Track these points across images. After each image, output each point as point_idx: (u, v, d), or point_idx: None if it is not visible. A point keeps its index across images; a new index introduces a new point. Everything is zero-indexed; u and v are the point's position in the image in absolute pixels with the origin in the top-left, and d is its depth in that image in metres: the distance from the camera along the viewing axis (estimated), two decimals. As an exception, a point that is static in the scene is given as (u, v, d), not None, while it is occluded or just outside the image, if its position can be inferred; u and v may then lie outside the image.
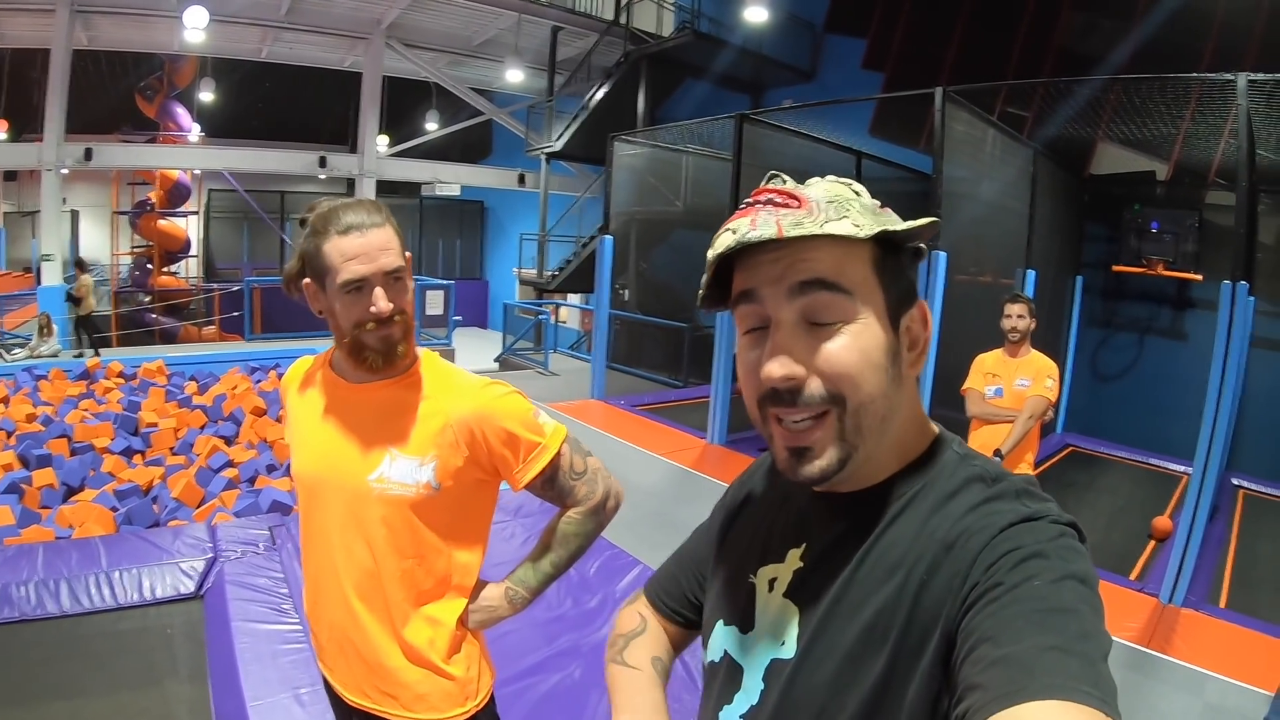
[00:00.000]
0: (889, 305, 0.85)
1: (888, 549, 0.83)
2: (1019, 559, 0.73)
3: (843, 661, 0.82)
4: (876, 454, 0.86)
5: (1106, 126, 9.39)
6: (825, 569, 0.88)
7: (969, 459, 0.88)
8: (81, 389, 9.38)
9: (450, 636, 1.69)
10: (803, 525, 0.95)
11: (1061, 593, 0.70)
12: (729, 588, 1.04)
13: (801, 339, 0.83)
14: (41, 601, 4.08)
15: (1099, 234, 10.52)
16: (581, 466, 1.75)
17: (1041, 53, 11.69)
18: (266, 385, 9.74)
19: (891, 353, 0.84)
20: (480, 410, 1.65)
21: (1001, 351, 4.86)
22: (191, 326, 17.80)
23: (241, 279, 16.48)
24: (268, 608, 4.03)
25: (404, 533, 1.64)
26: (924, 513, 0.83)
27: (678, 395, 11.27)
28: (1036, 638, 0.66)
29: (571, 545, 1.77)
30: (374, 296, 1.57)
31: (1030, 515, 0.78)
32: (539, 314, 14.40)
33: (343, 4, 15.88)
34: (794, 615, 0.90)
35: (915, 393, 0.90)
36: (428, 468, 1.62)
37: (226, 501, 5.99)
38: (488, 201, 25.58)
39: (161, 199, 19.07)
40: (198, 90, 19.56)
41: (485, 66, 19.09)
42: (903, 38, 13.78)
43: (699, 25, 15.03)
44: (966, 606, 0.74)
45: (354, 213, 1.58)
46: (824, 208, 0.82)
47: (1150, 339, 10.39)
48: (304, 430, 1.76)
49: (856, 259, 0.83)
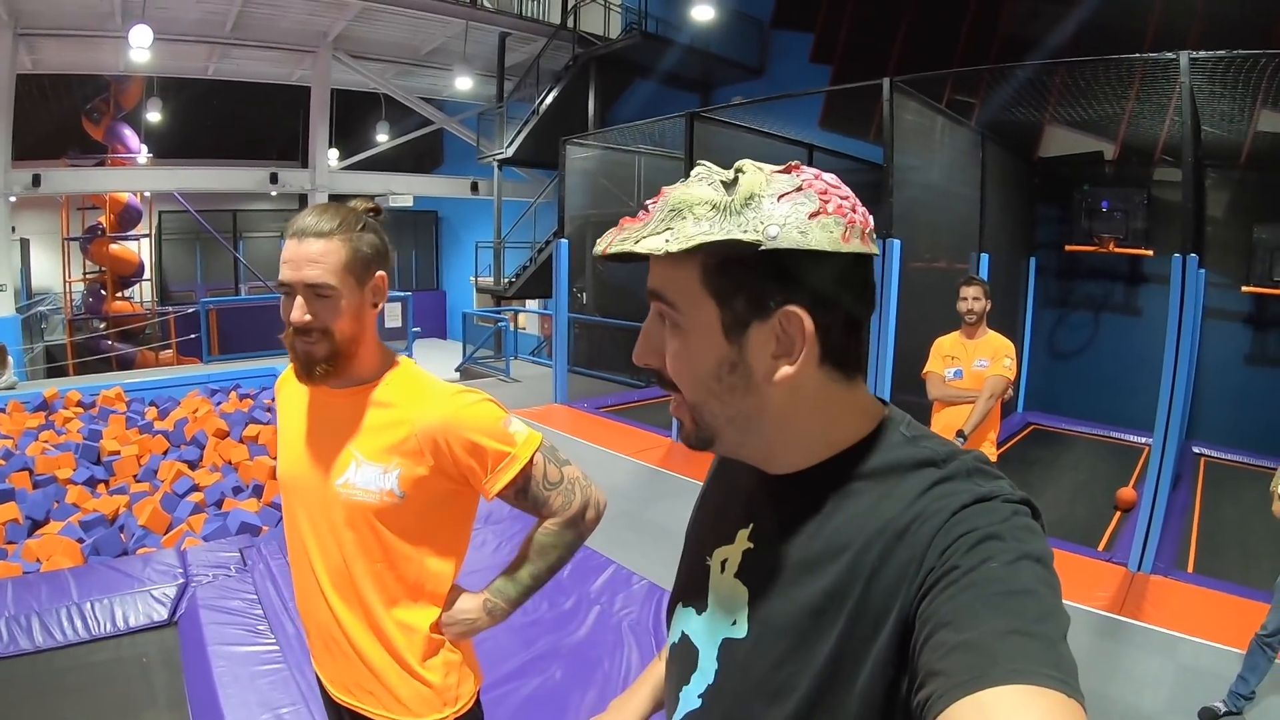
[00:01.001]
0: (726, 316, 0.84)
1: (835, 532, 0.84)
2: (974, 541, 0.74)
3: (792, 641, 0.84)
4: (776, 446, 0.90)
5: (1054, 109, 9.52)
6: (772, 550, 0.90)
7: (917, 440, 0.88)
8: (41, 420, 9.22)
9: (425, 641, 1.70)
10: (750, 506, 0.97)
11: (1019, 573, 0.71)
12: (688, 570, 1.08)
13: (659, 330, 0.89)
14: (13, 638, 4.05)
15: (1051, 215, 10.71)
16: (557, 476, 1.74)
17: (987, 40, 11.84)
18: (228, 407, 9.64)
19: (728, 364, 0.85)
20: (445, 420, 1.63)
21: (959, 334, 4.94)
22: (148, 351, 17.65)
23: (196, 300, 16.30)
24: (243, 630, 4.03)
25: (369, 538, 1.66)
26: (873, 496, 0.84)
27: (640, 395, 11.30)
28: (995, 621, 0.67)
29: (550, 556, 1.76)
30: (295, 304, 1.59)
31: (983, 495, 0.78)
32: (498, 321, 14.37)
33: (289, 18, 15.73)
34: (744, 595, 0.92)
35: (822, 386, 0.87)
36: (391, 475, 1.63)
37: (194, 526, 5.92)
38: (441, 211, 25.45)
39: (112, 223, 18.84)
40: (145, 111, 19.28)
41: (434, 75, 19.03)
42: (849, 30, 13.91)
43: (646, 26, 15.10)
44: (923, 591, 0.74)
45: (309, 216, 1.62)
46: (657, 218, 0.84)
47: (1105, 316, 10.57)
48: (286, 432, 1.80)
49: (682, 270, 0.85)
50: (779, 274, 0.82)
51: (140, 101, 19.20)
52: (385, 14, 15.89)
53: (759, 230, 0.79)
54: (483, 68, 17.99)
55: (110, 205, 18.73)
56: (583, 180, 12.58)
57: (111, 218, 18.82)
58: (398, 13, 15.87)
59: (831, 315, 0.84)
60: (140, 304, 20.81)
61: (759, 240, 0.79)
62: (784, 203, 0.81)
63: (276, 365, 12.44)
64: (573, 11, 16.63)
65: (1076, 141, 10.60)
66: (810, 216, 0.80)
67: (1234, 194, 9.47)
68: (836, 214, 0.82)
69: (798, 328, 0.83)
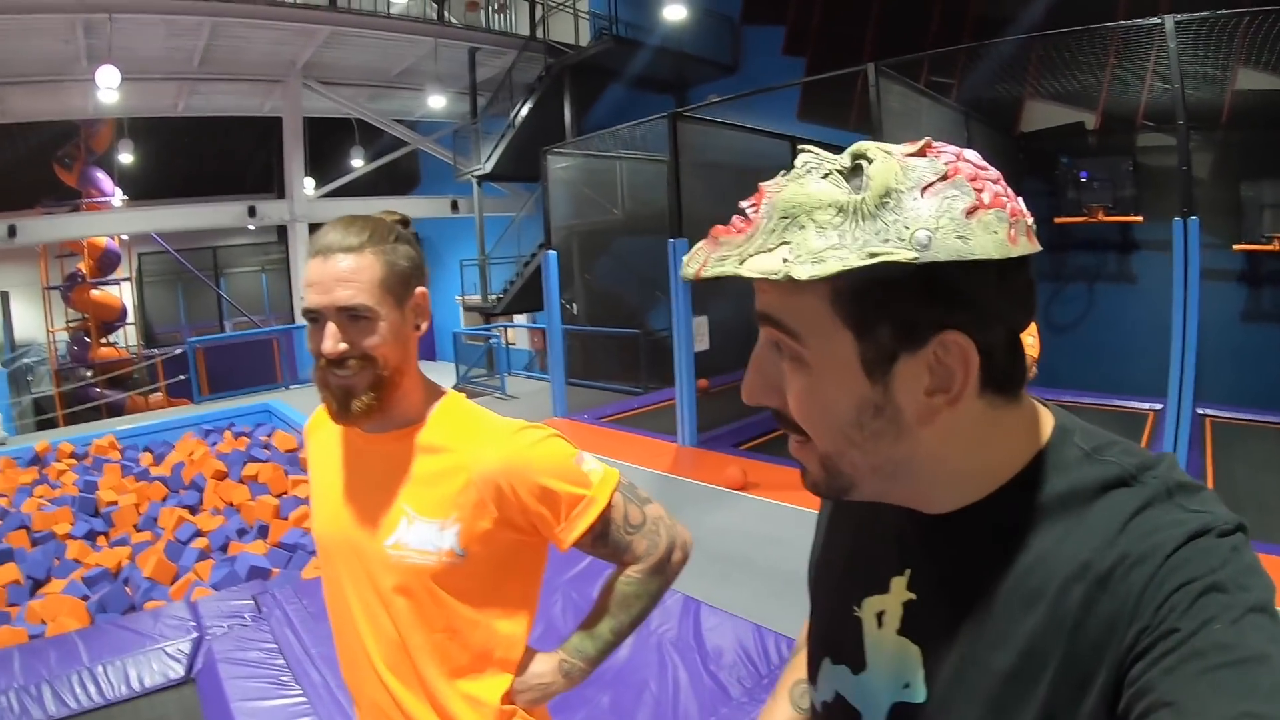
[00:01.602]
0: (866, 350, 0.69)
1: (1021, 577, 0.71)
2: (1194, 596, 0.63)
3: (988, 707, 0.72)
4: (928, 488, 0.76)
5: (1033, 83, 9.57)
6: (945, 602, 0.77)
7: (1100, 454, 0.74)
8: (34, 475, 9.10)
9: (495, 715, 1.47)
10: (902, 549, 0.83)
11: (1245, 635, 0.60)
12: (831, 621, 0.93)
13: (774, 360, 0.74)
14: (25, 710, 3.89)
15: (1038, 189, 10.63)
16: (639, 517, 1.51)
17: (959, 20, 11.81)
18: (224, 447, 9.54)
19: (870, 407, 0.70)
20: (508, 463, 1.41)
21: None
22: (138, 396, 17.51)
23: (182, 341, 16.18)
24: (266, 682, 3.88)
25: (428, 604, 1.43)
26: (1058, 530, 0.71)
27: (640, 402, 11.22)
28: (1222, 705, 0.57)
29: (634, 608, 1.53)
30: (325, 333, 1.36)
31: (1196, 531, 0.66)
32: (489, 339, 14.28)
33: (256, 49, 15.58)
34: (916, 654, 0.79)
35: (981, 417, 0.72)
36: (450, 532, 1.40)
37: (201, 574, 5.80)
38: (422, 232, 25.28)
39: (91, 269, 18.70)
40: (117, 153, 19.17)
41: (406, 96, 18.90)
42: (820, 20, 13.92)
43: (616, 30, 15.00)
44: (1136, 654, 0.64)
45: (334, 231, 1.39)
46: (764, 228, 0.67)
47: (1100, 285, 10.61)
48: (320, 484, 1.57)
49: (806, 294, 0.68)
50: (933, 292, 0.66)
51: (111, 144, 19.11)
52: (353, 38, 15.78)
53: (904, 238, 0.63)
54: (455, 85, 17.85)
55: (88, 251, 18.58)
56: (565, 190, 12.48)
57: (90, 263, 18.68)
58: (366, 36, 15.77)
59: (994, 334, 0.69)
60: (126, 349, 20.66)
61: (914, 255, 0.62)
62: (929, 197, 0.64)
63: (269, 400, 12.37)
64: (541, 22, 16.56)
65: (1058, 113, 10.65)
66: (967, 214, 0.64)
67: (1218, 154, 9.46)
68: (995, 206, 0.65)
69: (958, 358, 0.68)
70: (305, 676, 3.87)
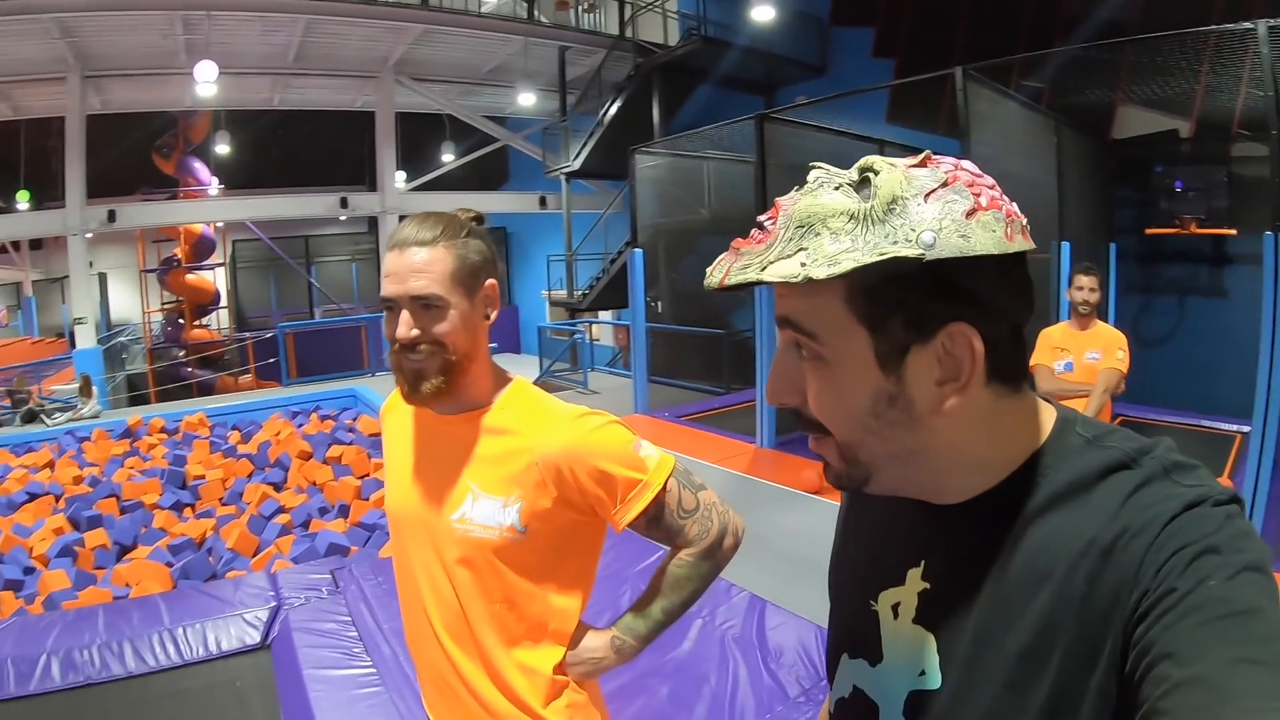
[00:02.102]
0: (880, 344, 0.74)
1: (1030, 558, 0.74)
2: (1190, 558, 0.66)
3: (1003, 689, 0.74)
4: (942, 477, 0.79)
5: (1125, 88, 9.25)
6: (957, 588, 0.80)
7: (1101, 440, 0.77)
8: (126, 447, 9.39)
9: (548, 684, 1.55)
10: (917, 542, 0.86)
11: (1239, 590, 0.63)
12: (848, 616, 0.96)
13: (794, 362, 0.79)
14: (106, 664, 4.02)
15: (1129, 198, 10.34)
16: (692, 503, 1.57)
17: (1051, 22, 11.49)
18: (309, 429, 9.72)
19: (885, 398, 0.75)
20: (569, 446, 1.49)
21: (1068, 324, 4.75)
22: (228, 377, 17.92)
23: (273, 326, 16.55)
24: (338, 653, 3.93)
25: (489, 576, 1.52)
26: (1064, 513, 0.74)
27: (721, 402, 11.14)
28: (1220, 650, 0.60)
29: (685, 590, 1.60)
30: (399, 320, 1.47)
31: (1191, 501, 0.69)
32: (573, 334, 14.34)
33: (350, 45, 15.94)
34: (930, 643, 0.81)
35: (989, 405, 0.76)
36: (512, 509, 1.49)
37: (283, 548, 5.91)
38: (510, 227, 25.58)
39: (187, 254, 19.25)
40: (214, 144, 19.73)
41: (496, 93, 19.13)
42: (911, 22, 13.68)
43: (705, 30, 14.95)
44: (1139, 616, 0.66)
45: (410, 226, 1.49)
46: (782, 237, 0.73)
47: (1190, 300, 10.21)
48: (394, 463, 1.67)
49: (822, 296, 0.73)
50: (939, 288, 0.71)
51: (209, 135, 19.69)
52: (445, 36, 16.03)
53: (911, 239, 0.68)
54: (544, 83, 18.01)
55: (185, 237, 19.16)
56: (652, 189, 12.47)
57: (186, 249, 19.24)
58: (457, 34, 16.01)
59: (997, 326, 0.74)
60: (218, 331, 21.29)
61: (920, 253, 0.68)
62: (933, 202, 0.70)
63: (355, 386, 12.56)
64: (630, 22, 16.63)
65: (1151, 120, 10.20)
66: (967, 216, 0.70)
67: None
68: (992, 208, 0.71)
69: (965, 348, 0.73)
70: (376, 649, 3.92)
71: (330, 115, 20.39)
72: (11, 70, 14.26)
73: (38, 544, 6.21)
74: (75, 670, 3.96)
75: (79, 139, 14.49)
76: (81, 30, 13.51)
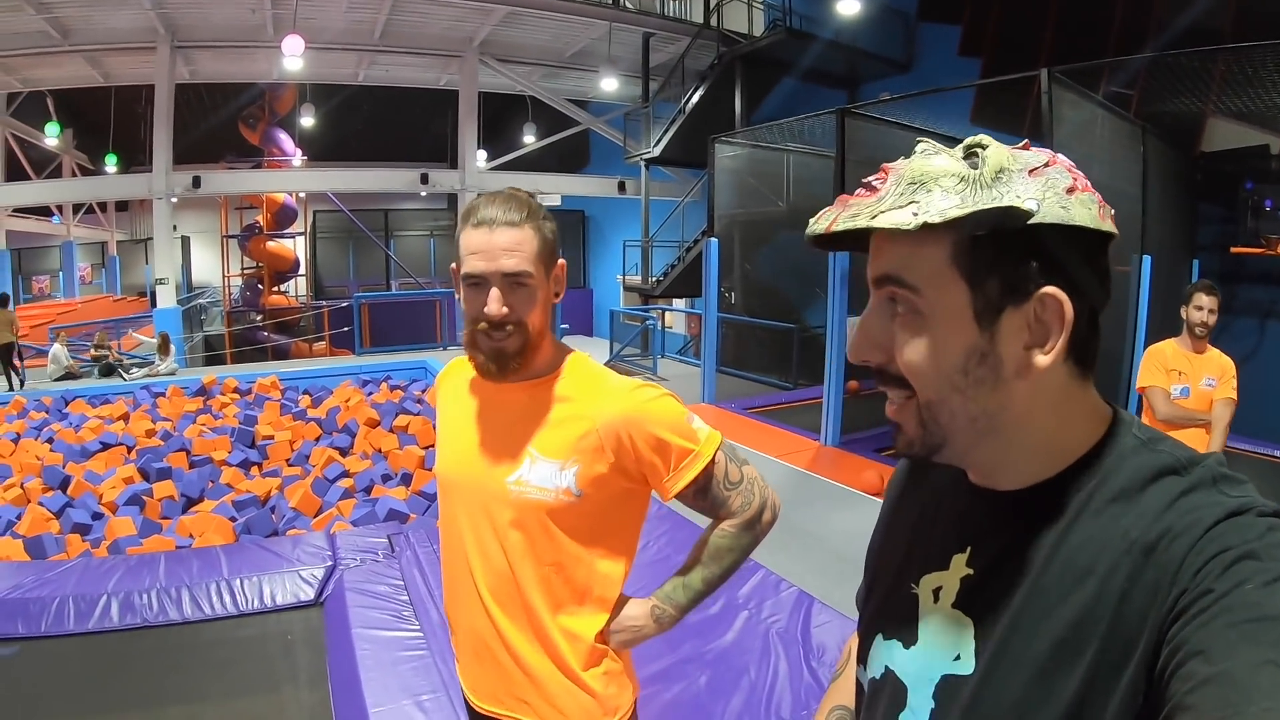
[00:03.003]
0: (978, 300, 0.76)
1: (1075, 553, 0.75)
2: (1229, 561, 0.66)
3: (1034, 678, 0.74)
4: (1011, 454, 0.80)
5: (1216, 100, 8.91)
6: (1001, 577, 0.80)
7: (1153, 444, 0.78)
8: (199, 405, 9.62)
9: (589, 649, 1.60)
10: (965, 528, 0.87)
11: (1276, 596, 0.63)
12: (888, 598, 0.96)
13: (883, 322, 0.80)
14: (163, 608, 4.13)
15: (1214, 214, 10.02)
16: (737, 476, 1.62)
17: (1142, 26, 11.10)
18: (379, 397, 9.85)
19: (977, 354, 0.77)
20: (628, 414, 1.53)
21: (1180, 345, 4.39)
22: (302, 343, 18.24)
23: (349, 296, 16.79)
24: (388, 614, 4.00)
25: (541, 538, 1.56)
26: (1113, 511, 0.75)
27: (788, 397, 11.06)
28: (1249, 652, 0.60)
29: (725, 560, 1.64)
30: (489, 297, 1.49)
31: (1235, 509, 0.70)
32: (645, 320, 14.32)
33: (435, 24, 16.11)
34: (969, 628, 0.82)
35: (1059, 388, 0.79)
36: (569, 473, 1.53)
37: (344, 511, 6.01)
38: (588, 210, 25.67)
39: (269, 222, 19.67)
40: (299, 116, 20.15)
41: (579, 77, 19.17)
42: (998, 21, 13.34)
43: (790, 22, 14.84)
44: (1175, 615, 0.67)
45: (494, 206, 1.51)
46: (893, 192, 0.75)
47: (1271, 323, 9.85)
48: (449, 429, 1.71)
49: (928, 248, 0.75)
50: (1038, 252, 0.74)
51: (294, 107, 20.14)
52: (530, 18, 16.07)
53: (1018, 204, 0.71)
54: (627, 68, 18.00)
55: (267, 205, 19.60)
56: (731, 179, 12.39)
57: (268, 216, 19.67)
58: (542, 16, 16.04)
59: (1080, 304, 0.76)
60: (295, 298, 21.73)
61: (1031, 209, 0.71)
62: (1036, 178, 0.73)
63: (426, 358, 12.71)
64: (715, 10, 16.54)
65: (1241, 134, 9.78)
66: (1068, 191, 0.73)
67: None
68: (1086, 191, 0.75)
69: (1055, 313, 0.75)
70: (425, 614, 3.97)
71: (414, 92, 20.59)
72: (104, 39, 14.66)
73: (108, 491, 6.40)
74: (133, 612, 4.08)
75: (167, 107, 14.88)
76: (172, 2, 13.87)
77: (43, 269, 26.73)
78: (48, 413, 9.30)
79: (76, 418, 8.91)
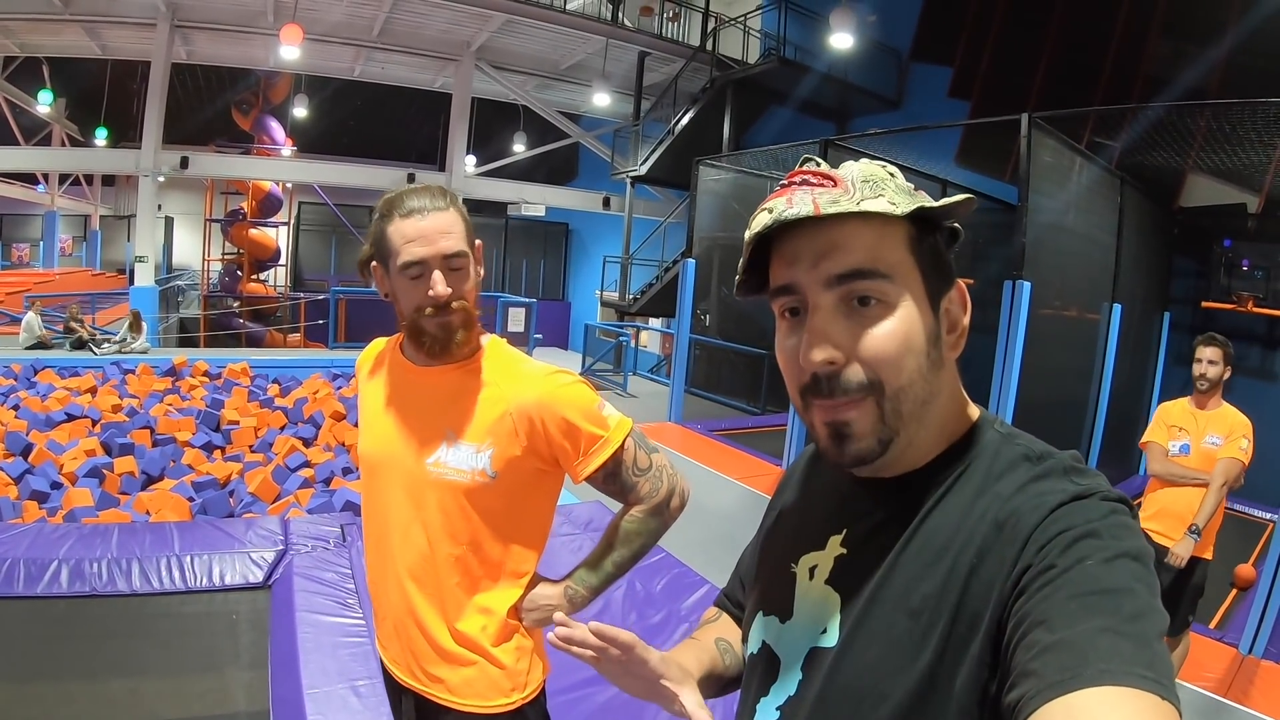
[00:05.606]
0: (928, 287, 0.84)
1: (933, 533, 0.81)
2: (1071, 539, 0.72)
3: (888, 649, 0.80)
4: (918, 438, 0.85)
5: (1197, 155, 9.08)
6: (867, 555, 0.87)
7: (1012, 438, 0.87)
8: (167, 385, 9.63)
9: (501, 625, 1.67)
10: (843, 511, 0.94)
11: (1114, 572, 0.69)
12: (771, 578, 1.03)
13: (840, 323, 0.82)
14: (112, 579, 4.17)
15: (1188, 269, 10.25)
16: (646, 462, 1.70)
17: (1129, 80, 11.33)
18: (347, 391, 9.84)
19: (932, 336, 0.84)
20: (541, 399, 1.61)
21: (1188, 402, 4.31)
22: (277, 332, 18.23)
23: (328, 289, 16.81)
24: (333, 601, 4.07)
25: (458, 519, 1.63)
26: (969, 495, 0.82)
27: (755, 422, 11.19)
28: (1089, 620, 0.65)
29: (634, 544, 1.72)
30: (432, 280, 1.56)
31: (1080, 493, 0.76)
32: (620, 336, 14.40)
33: (434, 26, 16.18)
34: (836, 603, 0.88)
35: (955, 376, 0.88)
36: (484, 455, 1.60)
37: (301, 499, 6.05)
38: (572, 223, 25.74)
39: (253, 209, 19.65)
40: (291, 106, 20.11)
41: (572, 90, 19.26)
42: (989, 66, 13.52)
43: (785, 52, 14.99)
44: (1019, 590, 0.72)
45: (417, 197, 1.59)
46: (859, 186, 0.82)
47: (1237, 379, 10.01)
48: (370, 411, 1.77)
49: (893, 239, 0.83)
50: (952, 245, 0.89)
51: (288, 97, 20.12)
52: (528, 27, 16.15)
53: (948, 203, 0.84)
54: (621, 85, 18.15)
55: (253, 192, 19.58)
56: (713, 202, 12.47)
57: (253, 204, 19.65)
58: (540, 27, 16.12)
59: None
60: (273, 287, 21.67)
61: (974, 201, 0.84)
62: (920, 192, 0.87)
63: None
64: (712, 34, 16.68)
65: (1219, 192, 9.98)
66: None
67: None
68: None
69: (962, 300, 0.88)
70: (369, 603, 4.04)
71: (408, 92, 20.64)
72: (104, 10, 14.66)
73: (69, 462, 6.43)
74: (82, 580, 4.12)
75: (161, 84, 14.87)
76: (175, -20, 13.87)
77: (23, 237, 26.57)
78: (16, 380, 9.28)
79: (44, 387, 8.90)
